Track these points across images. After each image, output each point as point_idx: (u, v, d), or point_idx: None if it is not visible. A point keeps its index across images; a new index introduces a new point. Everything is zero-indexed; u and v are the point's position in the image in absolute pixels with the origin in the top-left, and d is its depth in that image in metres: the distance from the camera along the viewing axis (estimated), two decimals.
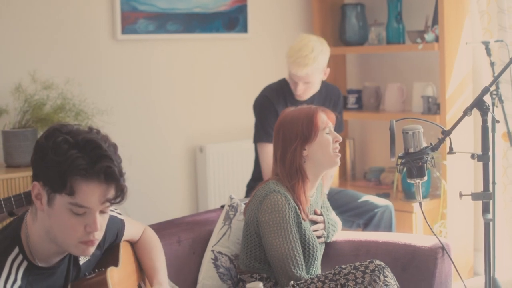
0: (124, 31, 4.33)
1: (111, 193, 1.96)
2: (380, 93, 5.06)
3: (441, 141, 2.60)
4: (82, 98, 4.05)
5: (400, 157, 2.59)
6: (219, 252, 3.03)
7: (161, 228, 2.84)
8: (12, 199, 2.46)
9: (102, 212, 1.99)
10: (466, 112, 2.58)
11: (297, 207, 2.80)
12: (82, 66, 4.21)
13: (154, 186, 4.55)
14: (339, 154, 2.88)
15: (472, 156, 2.62)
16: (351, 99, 5.12)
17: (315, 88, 3.84)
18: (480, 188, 2.60)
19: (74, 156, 1.91)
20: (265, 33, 5.03)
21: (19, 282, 1.95)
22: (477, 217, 4.59)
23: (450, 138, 2.60)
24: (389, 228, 3.92)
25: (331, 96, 3.97)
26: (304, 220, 2.84)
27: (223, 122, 4.87)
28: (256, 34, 4.97)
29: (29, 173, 3.65)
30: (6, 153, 3.77)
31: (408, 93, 4.89)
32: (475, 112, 2.60)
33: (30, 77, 3.90)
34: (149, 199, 4.50)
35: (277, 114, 3.77)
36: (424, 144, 2.59)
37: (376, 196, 4.13)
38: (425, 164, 2.58)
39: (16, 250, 1.99)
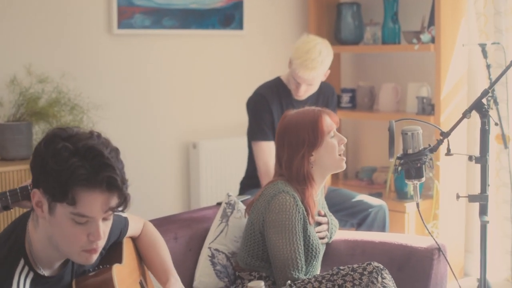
0: (120, 25, 4.31)
1: (114, 201, 1.91)
2: (374, 92, 5.06)
3: (440, 142, 2.61)
4: (77, 92, 4.03)
5: (398, 158, 2.60)
6: (216, 250, 3.02)
7: (157, 225, 2.82)
8: (8, 194, 2.44)
9: (104, 219, 1.93)
10: (466, 114, 2.60)
11: (305, 211, 2.79)
12: (78, 60, 4.19)
13: (146, 182, 4.53)
14: (344, 158, 2.87)
15: (470, 158, 2.63)
16: (345, 98, 5.11)
17: (315, 89, 3.83)
18: (472, 190, 2.61)
19: (75, 165, 1.83)
20: (260, 31, 5.02)
21: None
22: (469, 218, 4.60)
23: (448, 139, 2.61)
24: (382, 228, 3.92)
25: (324, 92, 3.95)
26: (310, 224, 2.83)
27: (217, 118, 4.86)
28: (252, 31, 4.96)
29: (23, 166, 3.64)
30: (1, 147, 3.76)
31: (403, 93, 4.89)
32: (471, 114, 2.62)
33: (26, 70, 3.89)
34: (141, 195, 4.47)
35: (272, 113, 3.77)
36: (422, 145, 2.60)
37: (370, 196, 4.13)
38: (424, 165, 2.59)
39: (22, 262, 1.94)
